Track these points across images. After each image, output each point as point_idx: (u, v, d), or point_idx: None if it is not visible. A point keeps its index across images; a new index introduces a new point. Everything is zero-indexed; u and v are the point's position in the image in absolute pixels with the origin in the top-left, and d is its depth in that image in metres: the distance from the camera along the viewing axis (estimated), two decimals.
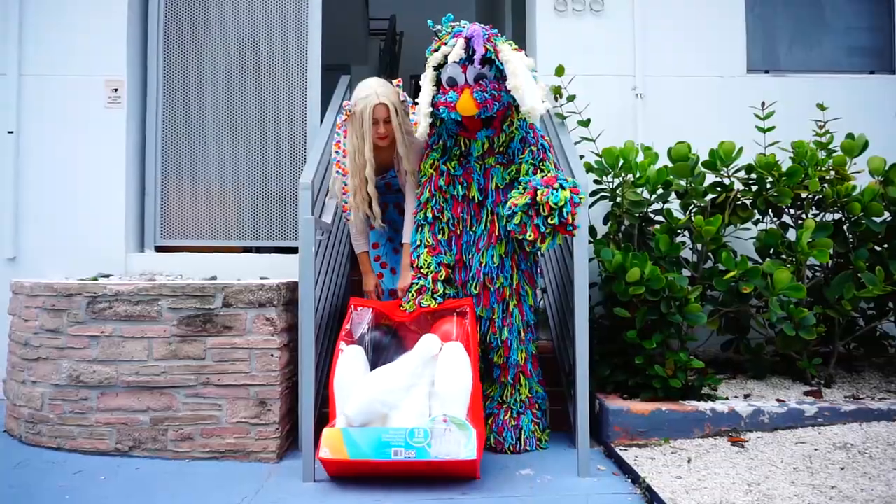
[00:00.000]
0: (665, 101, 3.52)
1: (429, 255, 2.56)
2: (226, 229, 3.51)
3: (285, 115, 3.51)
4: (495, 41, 2.37)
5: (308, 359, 2.42)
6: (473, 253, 2.55)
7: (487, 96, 2.33)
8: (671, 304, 2.66)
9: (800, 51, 3.77)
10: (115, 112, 3.37)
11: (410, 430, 2.14)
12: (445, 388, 2.24)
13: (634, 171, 2.89)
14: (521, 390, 2.60)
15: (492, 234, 2.53)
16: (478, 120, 2.41)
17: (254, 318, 2.54)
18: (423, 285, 2.54)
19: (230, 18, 3.52)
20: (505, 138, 2.48)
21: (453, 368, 2.27)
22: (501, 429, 2.56)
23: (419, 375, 2.27)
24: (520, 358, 2.59)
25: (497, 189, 2.51)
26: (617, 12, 3.55)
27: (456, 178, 2.53)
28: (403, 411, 2.23)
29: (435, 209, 2.56)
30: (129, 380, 2.52)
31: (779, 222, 3.02)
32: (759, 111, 3.03)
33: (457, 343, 2.33)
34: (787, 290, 2.65)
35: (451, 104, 2.34)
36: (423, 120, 2.42)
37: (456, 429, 2.13)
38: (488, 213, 2.53)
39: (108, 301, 2.54)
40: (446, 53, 2.39)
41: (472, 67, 2.35)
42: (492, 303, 2.55)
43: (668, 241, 2.79)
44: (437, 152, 2.56)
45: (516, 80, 2.29)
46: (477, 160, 2.51)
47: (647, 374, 2.67)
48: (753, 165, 2.92)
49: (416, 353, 2.32)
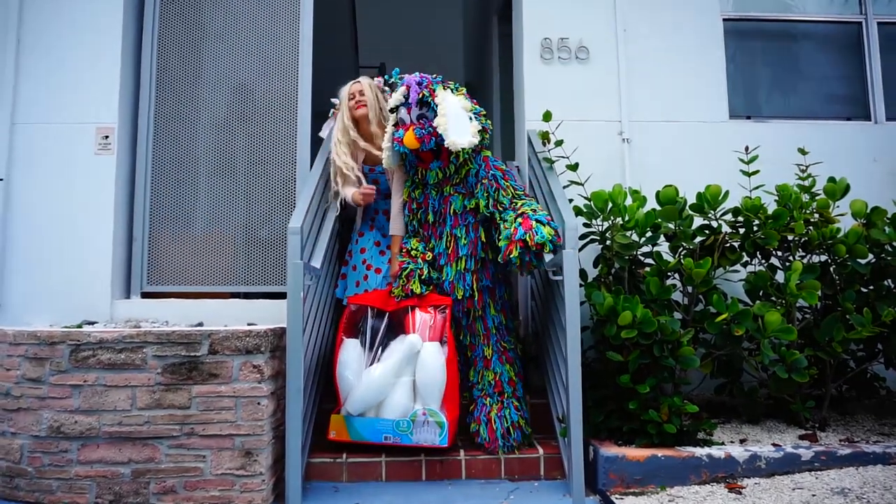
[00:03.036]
0: (651, 145, 3.59)
1: (417, 242, 2.93)
2: (214, 275, 3.48)
3: (275, 160, 3.53)
4: (433, 87, 2.84)
5: (295, 407, 2.38)
6: (437, 266, 2.94)
7: (425, 132, 2.76)
8: (664, 348, 2.65)
9: (779, 98, 3.89)
10: (104, 159, 3.38)
11: (397, 421, 2.65)
12: (424, 384, 2.68)
13: (623, 214, 2.92)
14: (488, 376, 2.88)
15: (451, 253, 2.87)
16: (428, 153, 2.80)
17: (240, 365, 2.50)
18: (411, 269, 2.84)
19: (222, 65, 3.58)
20: (454, 168, 2.84)
21: (430, 367, 2.68)
22: (490, 428, 2.77)
23: (403, 372, 2.69)
24: (487, 353, 2.90)
25: (455, 214, 2.88)
26: (602, 60, 3.65)
27: (420, 205, 2.94)
28: (392, 400, 2.67)
29: (410, 229, 3.00)
30: (111, 430, 2.45)
31: (767, 264, 3.04)
32: (743, 155, 3.09)
33: (434, 343, 2.74)
34: (778, 332, 2.65)
35: (400, 139, 2.81)
36: (386, 152, 2.91)
37: (433, 421, 2.64)
38: (448, 235, 2.89)
39: (91, 349, 2.49)
40: (396, 99, 2.90)
41: (414, 108, 2.82)
42: (460, 308, 2.92)
43: (658, 284, 2.80)
44: (409, 182, 2.97)
45: (440, 119, 2.73)
46: (434, 188, 2.90)
47: (641, 419, 2.64)
48: (740, 208, 2.95)
49: (401, 350, 2.70)
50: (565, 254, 2.54)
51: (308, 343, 2.66)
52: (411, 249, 2.91)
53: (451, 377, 2.70)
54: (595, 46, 3.66)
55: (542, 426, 2.91)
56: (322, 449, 2.72)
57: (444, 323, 2.78)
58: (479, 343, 2.93)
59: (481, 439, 2.76)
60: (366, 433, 2.66)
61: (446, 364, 2.70)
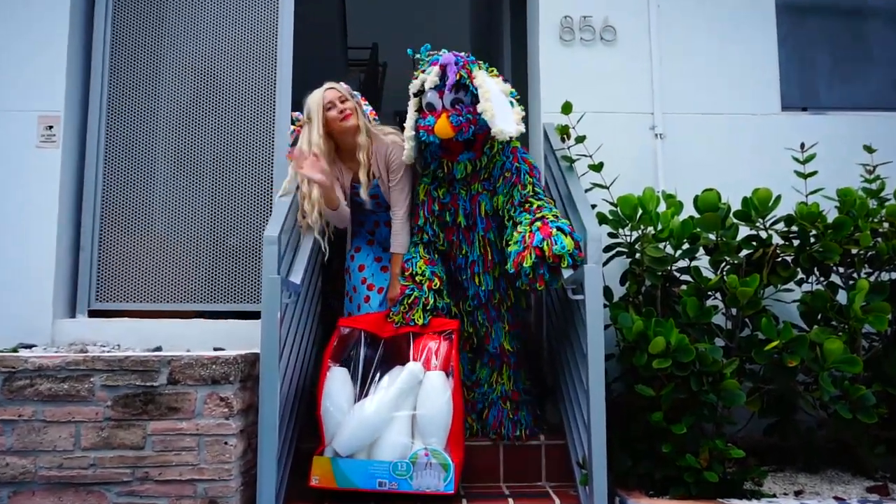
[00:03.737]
0: (689, 142, 3.59)
1: (424, 265, 2.96)
2: (175, 290, 3.48)
3: (249, 157, 3.54)
4: (471, 67, 2.86)
5: (270, 447, 2.37)
6: (468, 275, 3.03)
7: (463, 120, 2.79)
8: (703, 380, 2.64)
9: (841, 86, 3.89)
10: (48, 152, 3.39)
11: (394, 464, 2.59)
12: (426, 419, 2.66)
13: (655, 222, 2.92)
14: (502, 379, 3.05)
15: (487, 261, 2.99)
16: (458, 143, 2.85)
17: (205, 397, 2.49)
18: (416, 297, 2.89)
19: (187, 48, 3.60)
20: (487, 162, 2.91)
21: (434, 400, 2.68)
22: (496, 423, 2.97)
23: (402, 405, 2.69)
24: (506, 345, 3.06)
25: (487, 216, 2.96)
26: (631, 42, 3.67)
27: (445, 206, 2.99)
28: (389, 438, 2.65)
29: (430, 233, 3.03)
30: (49, 475, 2.44)
31: (826, 282, 3.03)
32: (798, 154, 3.09)
33: (439, 373, 2.74)
34: (840, 363, 2.64)
35: (430, 128, 2.82)
36: (408, 143, 2.93)
37: (436, 463, 2.60)
38: (480, 239, 2.98)
39: (28, 377, 2.48)
40: (423, 80, 2.89)
41: (448, 93, 2.84)
42: (491, 315, 3.06)
43: (697, 305, 2.79)
44: (428, 178, 3.03)
45: (486, 104, 2.73)
46: (462, 186, 2.96)
47: (676, 464, 2.62)
48: (794, 216, 2.95)
49: (399, 382, 2.70)
50: (587, 269, 2.53)
51: (286, 371, 2.66)
52: (416, 274, 2.94)
53: (458, 413, 2.71)
54: (623, 26, 3.67)
55: (558, 472, 2.90)
56: (302, 497, 2.70)
57: (449, 350, 2.81)
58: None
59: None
60: (356, 478, 2.61)
61: (452, 397, 2.71)
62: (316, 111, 3.01)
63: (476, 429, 3.03)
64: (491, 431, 2.98)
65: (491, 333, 3.08)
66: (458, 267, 3.06)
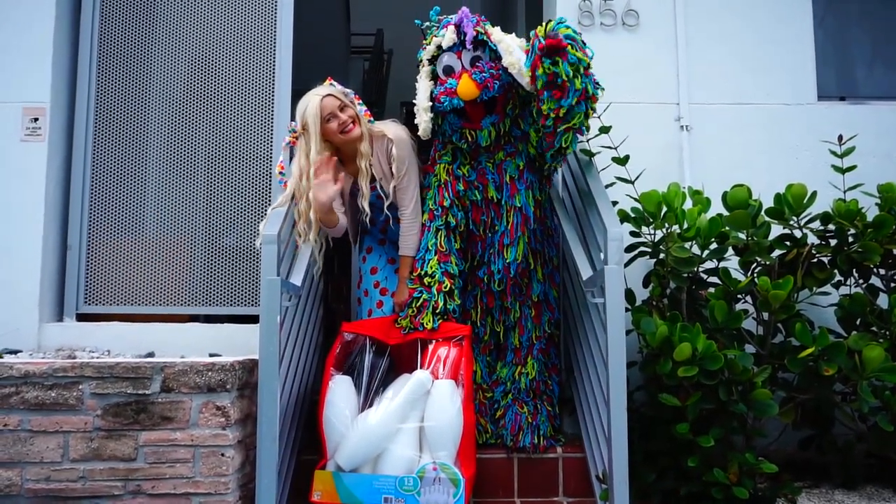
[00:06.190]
0: (717, 134, 3.60)
1: (437, 263, 2.97)
2: (168, 293, 3.51)
3: (247, 151, 3.57)
4: (485, 25, 2.91)
5: (269, 459, 2.39)
6: (496, 251, 3.02)
7: (486, 76, 2.80)
8: (732, 390, 2.64)
9: (883, 74, 3.88)
10: (34, 146, 3.43)
11: (401, 479, 2.59)
12: (435, 431, 2.67)
13: (681, 220, 2.92)
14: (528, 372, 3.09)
15: (512, 230, 2.98)
16: (480, 106, 2.85)
17: (201, 406, 2.52)
18: (425, 299, 2.91)
19: (180, 36, 3.63)
20: (510, 123, 2.94)
21: (444, 410, 2.68)
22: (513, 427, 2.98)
23: (408, 416, 2.70)
24: (533, 337, 3.11)
25: (512, 181, 2.98)
26: (656, 27, 3.67)
27: (471, 184, 3.01)
28: (395, 451, 2.65)
29: (457, 216, 3.03)
30: (36, 488, 2.46)
31: (866, 285, 3.03)
32: (836, 147, 3.09)
33: (449, 382, 2.74)
34: (881, 371, 2.64)
35: (452, 90, 2.81)
36: (424, 115, 2.91)
37: (446, 477, 2.59)
38: (507, 209, 2.99)
39: (13, 384, 2.51)
40: (439, 43, 2.92)
41: (467, 51, 2.87)
42: (513, 295, 3.09)
43: (725, 309, 2.79)
44: (448, 156, 3.05)
45: (511, 58, 2.76)
46: (488, 158, 2.99)
47: (703, 480, 2.63)
48: (831, 214, 2.95)
49: (406, 391, 2.71)
50: (607, 270, 2.53)
51: (286, 379, 2.68)
52: (425, 276, 2.96)
53: (469, 424, 2.72)
54: (647, 10, 3.68)
55: (576, 487, 2.91)
56: None
57: (460, 357, 2.82)
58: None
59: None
60: (360, 494, 2.62)
61: (462, 408, 2.72)
62: (313, 123, 2.89)
63: (490, 432, 3.05)
64: (507, 435, 2.98)
65: (520, 318, 3.11)
66: (488, 245, 3.05)
